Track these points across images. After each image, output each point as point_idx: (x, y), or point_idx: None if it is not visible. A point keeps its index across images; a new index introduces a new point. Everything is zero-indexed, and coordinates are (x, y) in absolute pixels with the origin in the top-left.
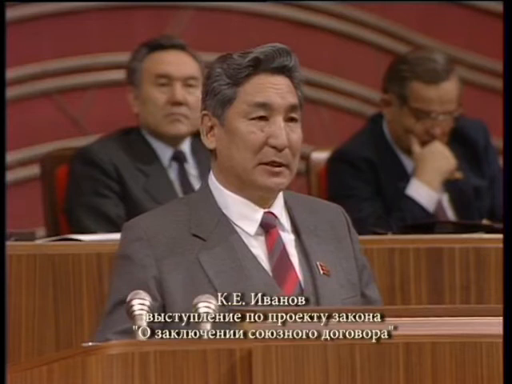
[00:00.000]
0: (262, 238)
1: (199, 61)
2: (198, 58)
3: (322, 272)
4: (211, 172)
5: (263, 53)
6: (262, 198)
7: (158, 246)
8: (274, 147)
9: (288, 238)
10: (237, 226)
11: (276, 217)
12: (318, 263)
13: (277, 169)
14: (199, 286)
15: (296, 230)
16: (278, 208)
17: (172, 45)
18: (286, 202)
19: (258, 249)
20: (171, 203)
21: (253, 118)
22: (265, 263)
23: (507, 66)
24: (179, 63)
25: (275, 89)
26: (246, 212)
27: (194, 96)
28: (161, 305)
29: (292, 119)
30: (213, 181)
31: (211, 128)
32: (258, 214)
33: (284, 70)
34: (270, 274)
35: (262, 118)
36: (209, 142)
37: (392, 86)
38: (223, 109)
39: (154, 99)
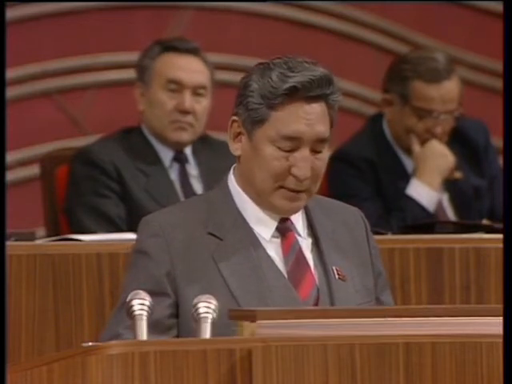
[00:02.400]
0: (278, 241)
1: (210, 67)
2: (208, 63)
3: (337, 277)
4: (232, 173)
5: (301, 83)
6: (278, 214)
7: (174, 242)
8: (295, 177)
9: (304, 242)
10: (253, 228)
11: (292, 222)
12: (333, 268)
13: (295, 193)
14: (213, 285)
15: (313, 234)
16: (296, 214)
17: (186, 49)
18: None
19: (274, 251)
20: (190, 200)
21: (279, 147)
22: (280, 265)
23: (507, 65)
24: (191, 71)
25: (307, 119)
26: (263, 217)
27: (202, 105)
28: (174, 301)
29: (319, 151)
30: (232, 182)
31: (239, 134)
32: (275, 219)
33: (322, 97)
34: (286, 276)
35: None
36: (235, 148)
37: (393, 85)
38: (253, 126)
39: (161, 103)
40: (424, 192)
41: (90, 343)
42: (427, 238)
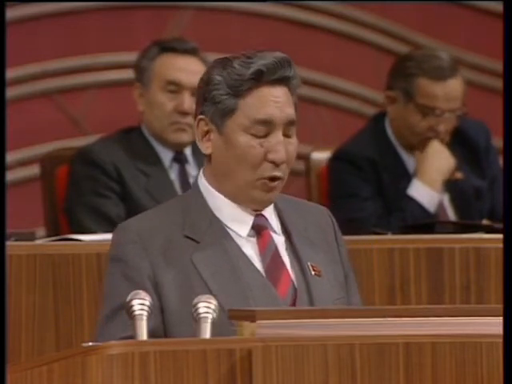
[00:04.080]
0: (254, 240)
1: None
2: (207, 63)
3: (313, 273)
4: (202, 174)
5: (266, 65)
6: (254, 207)
7: (152, 248)
8: (272, 162)
9: (279, 240)
10: (229, 228)
11: (267, 219)
12: (309, 264)
13: (274, 183)
14: (194, 288)
15: (286, 232)
16: (269, 210)
17: (185, 50)
18: (275, 205)
19: (251, 250)
20: (164, 204)
21: (253, 134)
22: (258, 264)
23: (507, 65)
24: (190, 71)
25: (276, 102)
26: (238, 215)
27: None
28: (158, 307)
29: (289, 135)
30: (203, 183)
31: (207, 132)
32: (250, 216)
33: (284, 80)
34: (264, 274)
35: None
36: (205, 147)
37: (398, 82)
38: (223, 118)
39: (161, 104)
40: (425, 193)
41: (90, 343)
42: (427, 238)
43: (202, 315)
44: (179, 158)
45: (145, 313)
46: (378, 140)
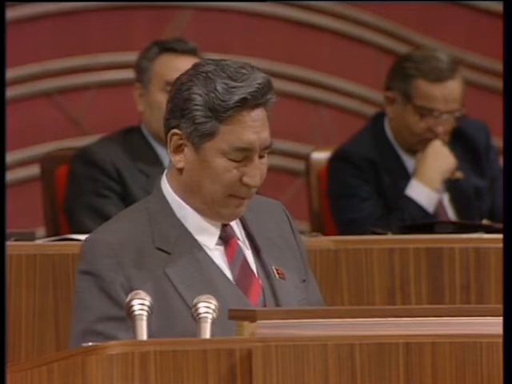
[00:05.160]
0: (222, 248)
1: None
2: None
3: (277, 276)
4: (166, 181)
5: (250, 93)
6: (222, 221)
7: (126, 261)
8: (246, 185)
9: (244, 247)
10: (196, 239)
11: (232, 227)
12: (273, 268)
13: (243, 200)
14: (169, 300)
15: (248, 235)
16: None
17: (184, 50)
18: None
19: (220, 260)
20: (130, 212)
21: (230, 159)
22: (228, 273)
23: (507, 65)
24: None
25: (254, 127)
26: (205, 226)
27: None
28: None
29: (263, 156)
30: (169, 191)
31: (180, 146)
32: (216, 227)
33: (264, 103)
34: (234, 283)
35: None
36: (177, 160)
37: (396, 83)
38: (201, 139)
39: (160, 105)
40: (423, 193)
41: (90, 343)
42: (427, 238)
43: (202, 315)
44: None
45: (145, 313)
46: (378, 140)
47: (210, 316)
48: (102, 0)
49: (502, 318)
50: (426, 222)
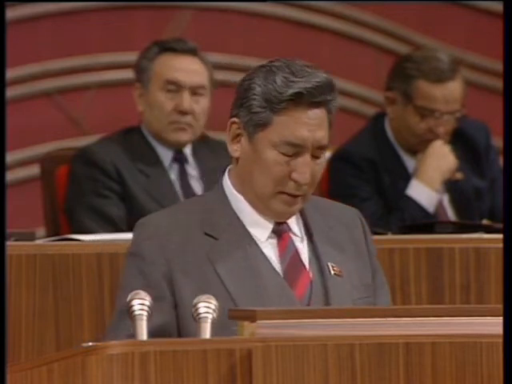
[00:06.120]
0: (274, 241)
1: (209, 67)
2: (208, 63)
3: (333, 273)
4: (227, 174)
5: (306, 88)
6: (275, 218)
7: (170, 244)
8: (295, 181)
9: (299, 241)
10: (249, 230)
11: (288, 224)
12: (329, 264)
13: (294, 199)
14: (210, 285)
15: (308, 232)
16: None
17: (184, 49)
18: None
19: (270, 252)
20: (185, 202)
21: (281, 152)
22: (276, 265)
23: (507, 65)
24: (189, 71)
25: (309, 125)
26: (259, 220)
27: (201, 105)
28: (172, 302)
29: (317, 157)
30: (228, 184)
31: (238, 135)
32: (270, 221)
33: (323, 103)
34: (282, 275)
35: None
36: (234, 149)
37: (397, 83)
38: (255, 129)
39: (160, 104)
40: (424, 193)
41: (90, 343)
42: (427, 238)
43: (202, 315)
44: (179, 158)
45: (145, 313)
46: (378, 140)
47: (210, 316)
48: (102, 0)
49: (501, 317)
50: (426, 222)
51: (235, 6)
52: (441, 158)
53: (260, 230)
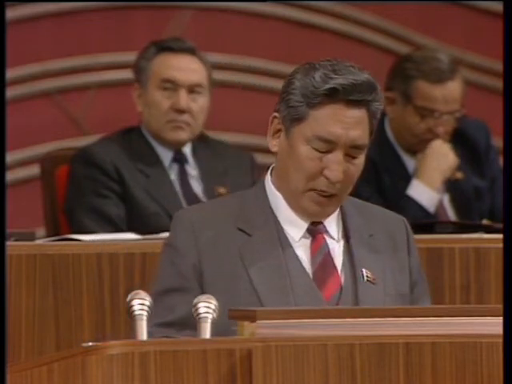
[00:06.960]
0: (308, 242)
1: (207, 66)
2: (206, 62)
3: (366, 279)
4: (269, 171)
5: (342, 85)
6: (308, 218)
7: (203, 238)
8: (327, 178)
9: (336, 244)
10: (284, 229)
11: (325, 226)
12: (362, 270)
13: (325, 198)
14: (237, 280)
15: (346, 236)
16: (330, 218)
17: (181, 49)
18: (341, 208)
19: (302, 252)
20: (224, 197)
21: (313, 147)
22: (307, 266)
23: (507, 65)
24: (187, 70)
25: (344, 123)
26: (294, 218)
27: (198, 103)
28: (199, 295)
29: (354, 157)
30: (268, 180)
31: (278, 131)
32: (306, 222)
33: (362, 103)
34: (311, 276)
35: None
36: (272, 144)
37: (396, 83)
38: (291, 123)
39: (157, 103)
40: (424, 192)
41: (90, 343)
42: (427, 238)
43: (202, 315)
44: (179, 158)
45: (145, 313)
46: (378, 140)
47: (210, 316)
48: (102, 0)
49: (502, 317)
50: (426, 222)
51: (235, 6)
52: (441, 158)
53: (295, 228)
